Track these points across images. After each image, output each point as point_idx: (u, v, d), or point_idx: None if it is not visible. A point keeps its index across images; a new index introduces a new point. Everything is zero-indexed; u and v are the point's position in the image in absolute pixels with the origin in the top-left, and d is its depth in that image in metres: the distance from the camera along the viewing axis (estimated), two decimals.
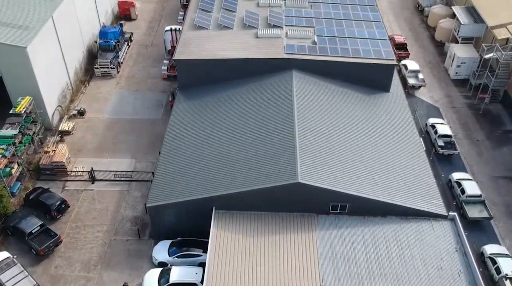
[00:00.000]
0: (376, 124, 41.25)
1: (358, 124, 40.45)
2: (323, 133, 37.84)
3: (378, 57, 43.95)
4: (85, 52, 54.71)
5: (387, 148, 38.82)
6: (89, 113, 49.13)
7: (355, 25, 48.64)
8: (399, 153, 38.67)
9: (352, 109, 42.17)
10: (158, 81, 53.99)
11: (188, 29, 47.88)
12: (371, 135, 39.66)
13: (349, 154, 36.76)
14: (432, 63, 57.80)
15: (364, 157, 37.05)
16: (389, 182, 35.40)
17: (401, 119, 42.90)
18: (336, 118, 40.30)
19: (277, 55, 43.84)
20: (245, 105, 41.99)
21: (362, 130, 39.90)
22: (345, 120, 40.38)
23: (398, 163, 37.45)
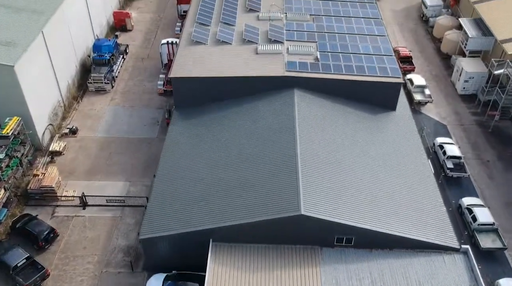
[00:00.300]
0: (382, 146, 39.20)
1: (364, 147, 38.39)
2: (327, 158, 35.77)
3: (384, 75, 41.87)
4: (78, 67, 52.65)
5: (395, 173, 36.75)
6: (81, 132, 47.06)
7: (359, 39, 46.59)
8: (407, 177, 36.59)
9: (357, 130, 40.10)
10: (154, 97, 51.93)
11: (185, 44, 45.81)
12: (377, 159, 37.60)
13: (354, 180, 34.68)
14: (438, 77, 55.76)
15: (370, 183, 34.98)
16: (397, 211, 33.32)
17: (408, 140, 40.82)
18: (340, 140, 38.23)
19: (277, 73, 41.78)
20: (244, 126, 39.89)
21: (368, 154, 37.83)
22: (350, 143, 38.33)
23: (406, 190, 35.38)
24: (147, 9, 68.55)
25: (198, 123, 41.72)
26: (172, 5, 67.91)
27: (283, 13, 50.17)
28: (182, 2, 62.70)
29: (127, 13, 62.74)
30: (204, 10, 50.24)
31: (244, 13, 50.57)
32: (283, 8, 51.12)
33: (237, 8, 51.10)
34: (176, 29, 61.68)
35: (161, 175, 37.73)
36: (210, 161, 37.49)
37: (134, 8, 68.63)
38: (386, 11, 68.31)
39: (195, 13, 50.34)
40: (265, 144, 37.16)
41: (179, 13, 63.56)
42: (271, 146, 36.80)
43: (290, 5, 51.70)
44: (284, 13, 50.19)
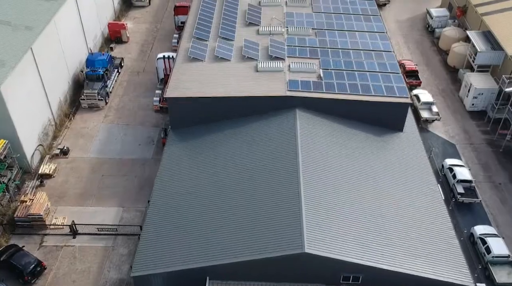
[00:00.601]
0: (390, 172, 37.03)
1: (370, 173, 36.23)
2: (332, 187, 33.59)
3: (391, 95, 39.74)
4: (71, 82, 50.50)
5: (404, 202, 34.58)
6: (73, 152, 44.90)
7: (364, 55, 44.45)
8: (417, 207, 34.42)
9: (363, 154, 37.94)
10: (150, 114, 49.79)
11: (182, 61, 43.65)
12: (385, 187, 35.43)
13: (361, 212, 32.50)
14: (445, 91, 53.63)
15: (378, 214, 32.80)
16: (407, 246, 31.12)
17: (417, 164, 38.66)
18: (345, 166, 36.06)
19: (279, 92, 39.65)
20: (244, 151, 37.71)
21: (375, 181, 35.66)
22: (356, 169, 36.16)
23: (416, 221, 33.21)
24: (144, 20, 66.44)
25: (195, 146, 39.61)
26: (169, 15, 65.87)
27: (284, 27, 48.07)
28: (179, 13, 60.62)
29: (123, 25, 60.59)
30: (202, 23, 48.14)
31: (243, 27, 48.45)
32: (284, 21, 49.02)
33: (236, 21, 48.98)
34: (173, 41, 59.51)
35: (155, 202, 35.59)
36: (208, 189, 35.35)
37: (130, 18, 66.52)
38: (390, 22, 66.22)
39: (193, 26, 48.24)
40: (265, 171, 35.00)
41: (176, 24, 61.41)
42: (272, 174, 34.64)
43: (292, 18, 49.60)
44: (285, 27, 48.07)
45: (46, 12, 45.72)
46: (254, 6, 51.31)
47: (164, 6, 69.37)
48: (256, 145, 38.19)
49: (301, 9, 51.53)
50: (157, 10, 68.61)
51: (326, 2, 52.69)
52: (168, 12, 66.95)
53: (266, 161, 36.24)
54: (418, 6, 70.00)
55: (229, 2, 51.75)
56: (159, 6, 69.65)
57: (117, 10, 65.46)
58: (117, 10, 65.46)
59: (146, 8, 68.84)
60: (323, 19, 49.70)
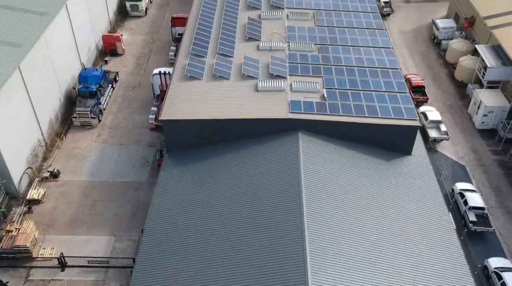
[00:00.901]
0: (398, 199, 34.86)
1: (377, 200, 34.02)
2: (336, 216, 31.36)
3: (399, 117, 37.58)
4: (63, 99, 48.33)
5: (413, 233, 32.36)
6: (64, 175, 42.72)
7: (370, 73, 42.28)
8: (426, 239, 32.21)
9: (370, 180, 35.73)
10: (145, 132, 47.62)
11: (178, 79, 41.49)
12: (393, 216, 33.21)
13: (367, 244, 30.28)
14: (453, 108, 51.50)
15: (385, 247, 30.63)
16: (417, 283, 29.03)
17: (426, 190, 36.45)
18: (350, 193, 33.85)
19: (280, 115, 37.49)
20: (243, 176, 35.54)
21: (382, 209, 33.43)
22: (362, 196, 33.97)
23: (426, 254, 30.98)
24: (140, 30, 64.33)
25: (191, 170, 37.41)
26: (166, 26, 63.75)
27: (286, 43, 45.91)
28: (176, 24, 58.53)
29: (118, 37, 58.45)
30: (199, 39, 45.98)
31: (243, 42, 46.27)
32: (285, 36, 46.88)
33: (236, 36, 46.82)
34: (170, 54, 57.42)
35: (149, 232, 33.47)
36: (205, 217, 33.18)
37: (126, 29, 64.42)
38: (394, 33, 64.13)
39: (190, 41, 46.10)
40: (266, 199, 32.80)
41: (174, 35, 59.33)
42: (273, 201, 32.47)
43: (293, 33, 47.45)
44: (287, 43, 45.93)
45: (36, 28, 43.54)
46: (254, 19, 49.18)
47: (161, 16, 67.30)
48: (256, 170, 36.01)
49: (303, 23, 49.38)
50: (153, 21, 66.52)
51: (329, 16, 50.57)
52: (165, 23, 64.85)
53: (267, 188, 34.08)
54: (423, 16, 67.92)
55: (228, 15, 49.63)
56: (155, 16, 67.58)
57: (112, 20, 63.37)
58: (112, 20, 63.37)
59: (142, 19, 66.75)
60: (326, 34, 47.56)
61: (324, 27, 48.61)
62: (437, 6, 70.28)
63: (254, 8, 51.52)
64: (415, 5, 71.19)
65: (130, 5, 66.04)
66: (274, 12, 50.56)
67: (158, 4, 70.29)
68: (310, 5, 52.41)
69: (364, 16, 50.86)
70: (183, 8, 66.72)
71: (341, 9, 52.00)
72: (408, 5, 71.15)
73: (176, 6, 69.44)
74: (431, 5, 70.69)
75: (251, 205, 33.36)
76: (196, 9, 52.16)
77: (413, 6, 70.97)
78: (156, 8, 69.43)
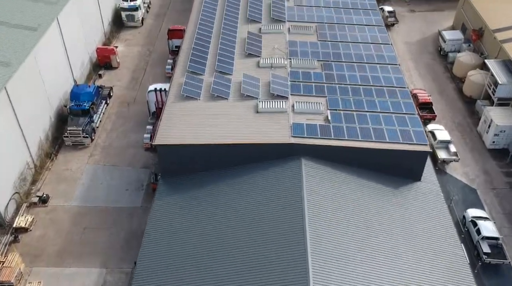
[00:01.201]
0: (406, 229, 32.68)
1: (384, 230, 31.85)
2: (341, 248, 29.25)
3: (408, 142, 35.39)
4: (54, 118, 46.14)
5: (423, 267, 30.17)
6: (53, 200, 40.49)
7: (376, 93, 40.10)
8: (438, 273, 30.01)
9: (377, 209, 33.57)
10: (140, 153, 45.41)
11: (174, 99, 39.31)
12: (402, 248, 31.07)
13: (375, 282, 28.20)
14: (462, 125, 49.31)
15: (395, 283, 28.55)
16: None
17: (437, 220, 34.27)
18: (356, 223, 31.68)
19: (282, 139, 35.32)
20: (242, 205, 33.40)
21: (390, 240, 31.30)
22: (368, 226, 31.79)
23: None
24: (136, 42, 62.13)
25: (188, 198, 35.20)
26: (162, 37, 61.45)
27: (287, 59, 43.76)
28: (173, 37, 56.32)
29: (112, 49, 56.27)
30: (197, 54, 43.79)
31: (242, 59, 44.09)
32: (286, 52, 44.71)
33: (235, 52, 44.62)
34: (167, 67, 55.18)
35: (142, 265, 31.32)
36: (203, 248, 31.05)
37: (122, 41, 62.23)
38: (399, 44, 61.97)
39: (187, 57, 43.92)
40: (268, 229, 30.65)
41: (171, 48, 57.11)
42: (275, 231, 30.33)
43: (295, 48, 45.27)
44: (289, 59, 43.78)
45: (25, 44, 41.38)
46: (254, 34, 47.00)
47: (158, 27, 65.12)
48: (256, 198, 33.82)
49: (305, 37, 47.19)
50: (150, 31, 64.32)
51: (332, 29, 48.40)
52: (162, 33, 62.60)
53: (268, 217, 31.91)
54: (428, 26, 65.74)
55: (227, 30, 47.45)
56: (152, 26, 65.39)
57: (107, 31, 61.17)
58: (107, 31, 61.17)
59: (138, 29, 64.53)
60: (329, 49, 45.37)
61: (327, 42, 46.43)
62: (443, 16, 68.12)
63: (254, 21, 49.34)
64: (420, 15, 69.05)
65: (126, 15, 63.83)
66: (275, 25, 48.39)
67: (155, 14, 68.13)
68: (312, 18, 50.26)
69: (369, 30, 48.69)
70: (181, 18, 64.63)
71: (344, 22, 49.85)
72: (413, 15, 69.02)
73: (173, 16, 67.30)
74: (437, 15, 68.55)
75: (251, 235, 31.24)
76: (194, 21, 50.04)
77: (418, 16, 68.82)
78: (153, 18, 67.26)
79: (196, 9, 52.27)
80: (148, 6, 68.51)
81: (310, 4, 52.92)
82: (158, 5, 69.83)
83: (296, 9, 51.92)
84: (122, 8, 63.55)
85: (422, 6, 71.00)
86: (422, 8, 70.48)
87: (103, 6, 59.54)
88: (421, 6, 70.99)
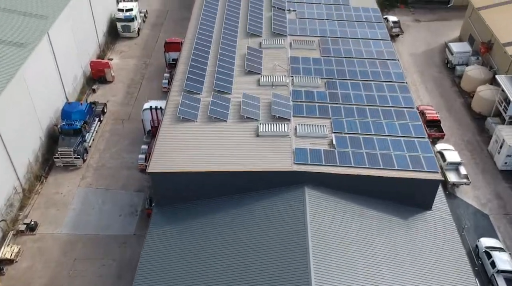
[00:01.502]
0: (416, 264, 30.47)
1: (393, 264, 29.63)
2: (348, 283, 27.28)
3: (418, 169, 33.19)
4: (44, 138, 43.95)
5: None
6: (42, 227, 38.30)
7: (382, 114, 37.93)
8: None
9: (385, 241, 31.39)
10: (134, 174, 43.23)
11: (169, 121, 37.14)
12: (412, 284, 29.11)
13: None
14: (471, 144, 47.16)
15: None
16: None
17: (448, 253, 32.00)
18: (364, 256, 29.46)
19: (284, 166, 33.10)
20: (242, 236, 31.26)
21: (399, 275, 29.16)
22: (376, 259, 29.61)
23: None
24: (131, 53, 59.98)
25: (183, 230, 32.93)
26: (159, 48, 59.28)
27: (289, 77, 41.60)
28: (170, 49, 54.19)
29: (107, 63, 54.09)
30: (194, 72, 41.61)
31: (242, 76, 41.92)
32: (288, 69, 42.56)
33: (234, 69, 42.46)
34: (163, 81, 53.05)
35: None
36: (200, 283, 29.06)
37: (117, 52, 60.09)
38: (404, 55, 59.85)
39: (184, 73, 41.75)
40: (269, 261, 28.47)
41: (167, 61, 54.97)
42: (277, 264, 28.14)
43: (297, 65, 43.11)
44: (290, 77, 41.64)
45: (13, 62, 39.27)
46: (254, 49, 44.84)
47: (155, 37, 62.99)
48: (257, 229, 31.58)
49: (308, 53, 45.02)
50: (146, 42, 62.18)
51: (336, 44, 46.23)
52: (159, 44, 60.45)
53: (269, 250, 29.68)
54: (434, 38, 63.62)
55: (226, 44, 45.25)
56: (149, 37, 63.27)
57: (102, 43, 59.04)
58: (102, 43, 59.04)
59: (134, 40, 62.40)
60: (333, 66, 43.20)
61: (331, 58, 44.23)
62: (449, 26, 66.02)
63: (254, 35, 47.18)
64: (425, 24, 66.95)
65: (121, 25, 61.71)
66: (276, 40, 46.24)
67: (151, 24, 66.00)
68: (315, 31, 48.10)
69: (374, 44, 46.50)
70: (178, 28, 62.60)
71: (348, 36, 47.68)
72: (418, 25, 66.90)
73: (171, 26, 65.20)
74: (442, 25, 66.46)
75: (251, 269, 29.08)
76: (192, 33, 47.90)
77: (423, 26, 66.71)
78: (149, 28, 65.12)
79: (194, 20, 50.16)
80: (144, 15, 66.43)
81: (312, 17, 50.82)
82: (155, 15, 67.72)
83: (298, 22, 49.78)
84: (118, 19, 61.46)
85: (427, 15, 68.95)
86: (427, 18, 68.42)
87: (97, 17, 57.44)
88: (426, 15, 68.93)
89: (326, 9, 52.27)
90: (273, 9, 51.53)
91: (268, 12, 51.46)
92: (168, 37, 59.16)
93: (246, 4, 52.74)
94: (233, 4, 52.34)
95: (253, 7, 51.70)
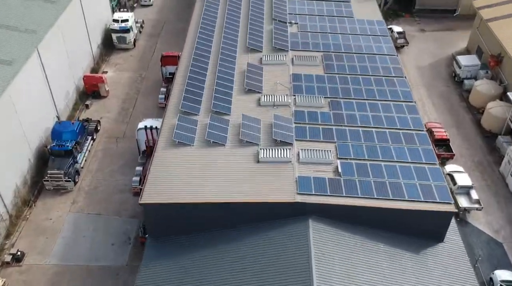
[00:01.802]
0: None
1: None
2: None
3: (430, 200, 31.01)
4: (33, 160, 41.75)
5: None
6: (29, 257, 36.07)
7: (390, 137, 35.78)
8: None
9: (394, 276, 29.30)
10: (128, 198, 41.01)
11: (164, 145, 34.99)
12: None
13: None
14: (482, 165, 44.96)
15: None
16: None
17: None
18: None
19: (286, 197, 30.94)
20: (241, 272, 29.11)
21: None
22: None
23: None
24: (127, 66, 57.77)
25: (178, 266, 30.68)
26: (156, 60, 56.99)
27: (291, 96, 39.47)
28: (167, 63, 51.96)
29: (101, 77, 51.87)
30: (191, 91, 39.42)
31: (241, 95, 39.77)
32: (290, 87, 40.43)
33: (233, 87, 40.29)
34: (160, 97, 50.84)
35: None
36: None
37: (112, 65, 57.88)
38: (410, 68, 57.63)
39: (180, 93, 39.62)
40: None
41: (164, 75, 52.78)
42: None
43: (300, 83, 40.96)
44: (292, 96, 39.51)
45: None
46: (254, 65, 42.67)
47: (151, 49, 60.78)
48: (257, 264, 29.43)
49: (311, 69, 42.83)
50: (143, 53, 59.98)
51: (340, 60, 44.00)
52: (155, 57, 58.18)
53: None
54: (441, 49, 61.42)
55: (225, 61, 43.02)
56: (145, 48, 61.07)
57: (96, 55, 56.82)
58: (96, 55, 56.82)
59: (130, 52, 60.17)
60: (337, 84, 41.03)
61: (335, 75, 42.07)
62: (455, 36, 63.82)
63: (254, 50, 45.00)
64: (430, 35, 64.77)
65: (116, 37, 59.50)
66: (277, 55, 44.04)
67: (148, 35, 63.78)
68: (318, 46, 45.89)
69: (380, 60, 44.29)
70: (175, 40, 60.30)
71: (353, 51, 45.50)
72: (424, 35, 64.75)
73: (168, 37, 62.97)
74: (449, 35, 64.26)
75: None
76: (189, 47, 45.69)
77: (428, 36, 64.53)
78: (145, 39, 62.91)
79: (192, 33, 47.97)
80: (141, 26, 64.21)
81: (315, 30, 48.65)
82: (151, 25, 65.49)
83: (300, 36, 47.59)
84: (113, 30, 59.27)
85: (433, 25, 66.78)
86: (433, 28, 66.24)
87: (91, 29, 55.23)
88: (432, 25, 66.76)
89: (329, 22, 50.09)
90: (274, 22, 49.39)
91: (268, 25, 49.30)
92: (165, 48, 57.11)
93: (246, 17, 50.60)
94: (232, 16, 50.20)
95: (253, 20, 49.54)
